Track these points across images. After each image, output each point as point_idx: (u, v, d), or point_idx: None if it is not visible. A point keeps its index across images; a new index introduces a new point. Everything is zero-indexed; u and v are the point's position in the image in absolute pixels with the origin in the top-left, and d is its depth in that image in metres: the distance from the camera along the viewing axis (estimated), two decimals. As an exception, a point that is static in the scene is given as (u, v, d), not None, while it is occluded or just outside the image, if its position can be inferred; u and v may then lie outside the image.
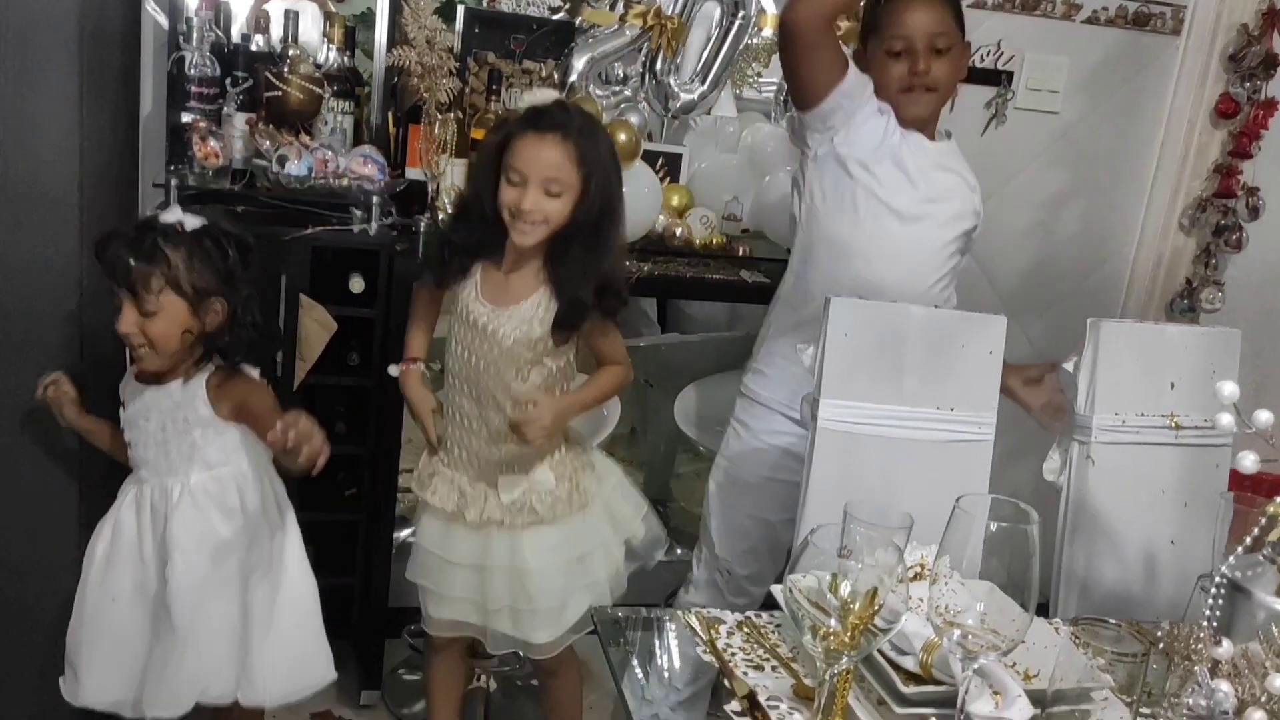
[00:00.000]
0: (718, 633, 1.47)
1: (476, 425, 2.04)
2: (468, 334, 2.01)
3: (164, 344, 1.84)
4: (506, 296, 2.00)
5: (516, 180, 1.89)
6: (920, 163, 2.09)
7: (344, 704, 2.74)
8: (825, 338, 1.82)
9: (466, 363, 2.02)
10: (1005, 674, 1.26)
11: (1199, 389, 1.93)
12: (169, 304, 1.82)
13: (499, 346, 1.98)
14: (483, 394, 2.02)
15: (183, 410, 1.90)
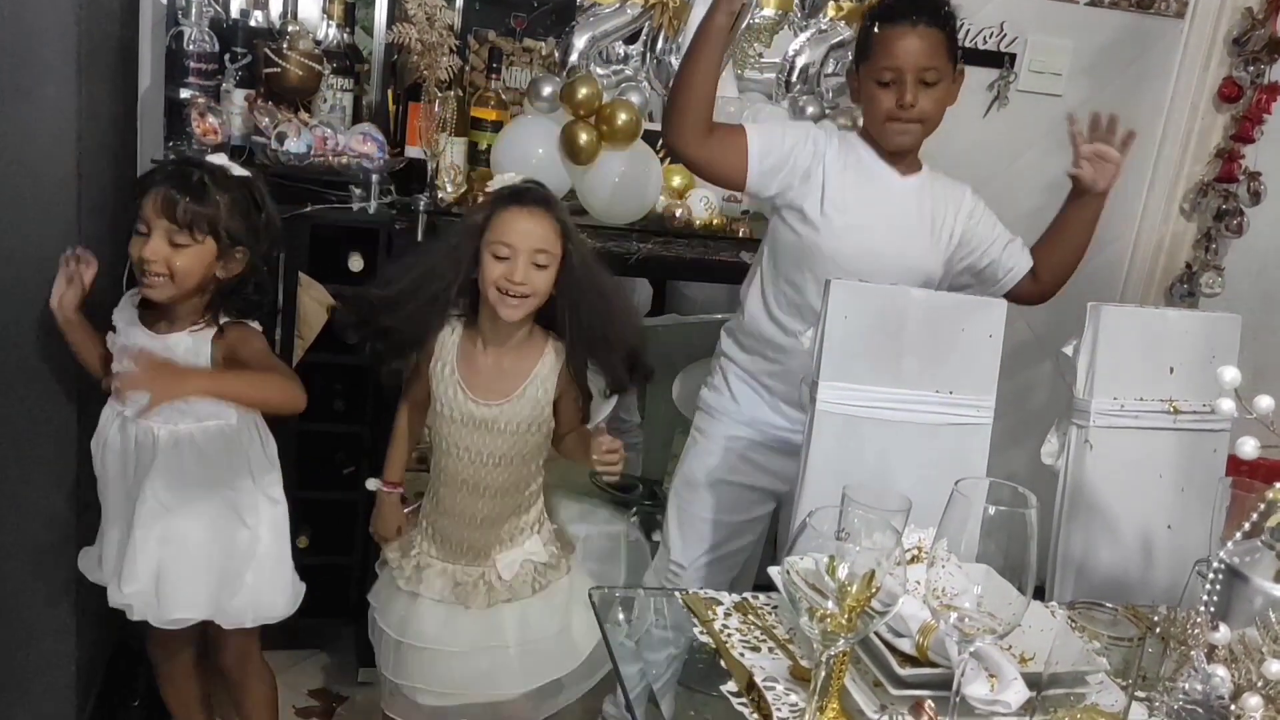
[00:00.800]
0: (714, 613, 1.47)
1: (473, 514, 2.03)
2: (467, 436, 1.98)
3: (184, 279, 1.85)
4: (503, 385, 1.98)
5: (506, 255, 1.89)
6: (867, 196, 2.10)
7: (342, 682, 2.75)
8: (825, 320, 1.81)
9: (469, 463, 1.99)
10: (1001, 657, 1.26)
11: (1198, 374, 1.93)
12: (201, 241, 1.84)
13: (505, 436, 1.98)
14: (487, 486, 2.01)
15: (181, 360, 1.89)
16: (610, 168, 2.65)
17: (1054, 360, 1.98)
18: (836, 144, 2.12)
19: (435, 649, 2.03)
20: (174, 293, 1.86)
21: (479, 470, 1.99)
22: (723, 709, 1.28)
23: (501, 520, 2.03)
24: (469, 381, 1.98)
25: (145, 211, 1.83)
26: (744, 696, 1.29)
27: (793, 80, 3.05)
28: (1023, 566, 1.15)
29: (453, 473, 2.01)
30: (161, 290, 1.85)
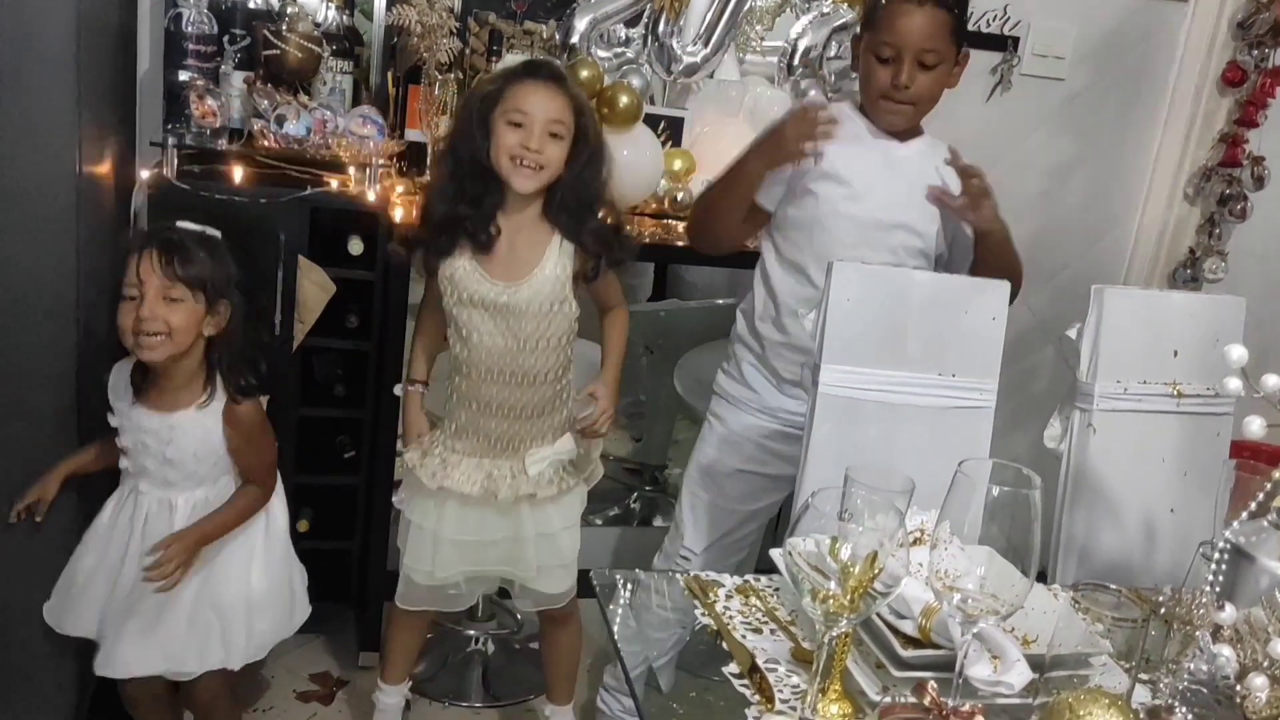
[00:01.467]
0: (716, 595, 1.46)
1: (500, 408, 2.05)
2: (487, 320, 2.00)
3: (181, 337, 1.85)
4: (518, 267, 1.99)
5: (521, 122, 1.90)
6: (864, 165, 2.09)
7: (343, 665, 2.75)
8: (827, 303, 1.81)
9: (491, 350, 2.01)
10: (1004, 638, 1.25)
11: (1202, 357, 1.92)
12: (192, 297, 1.86)
13: (528, 318, 1.99)
14: (512, 373, 2.03)
15: (198, 440, 1.93)
16: (610, 148, 2.62)
17: (1056, 345, 1.98)
18: None
19: (468, 539, 2.10)
20: (172, 351, 1.86)
21: (506, 357, 2.00)
22: (724, 691, 1.28)
23: (534, 412, 2.06)
24: (485, 266, 1.98)
25: (132, 276, 1.83)
26: (746, 678, 1.29)
27: (795, 64, 3.03)
28: (1026, 548, 1.14)
29: (478, 362, 2.02)
30: (160, 350, 1.85)
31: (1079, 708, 1.07)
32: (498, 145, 1.92)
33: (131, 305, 1.83)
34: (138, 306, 1.82)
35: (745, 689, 1.27)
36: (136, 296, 1.83)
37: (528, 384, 2.03)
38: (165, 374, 1.90)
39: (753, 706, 1.24)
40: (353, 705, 2.62)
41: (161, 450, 1.92)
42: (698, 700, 1.25)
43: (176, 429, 1.91)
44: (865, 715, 1.25)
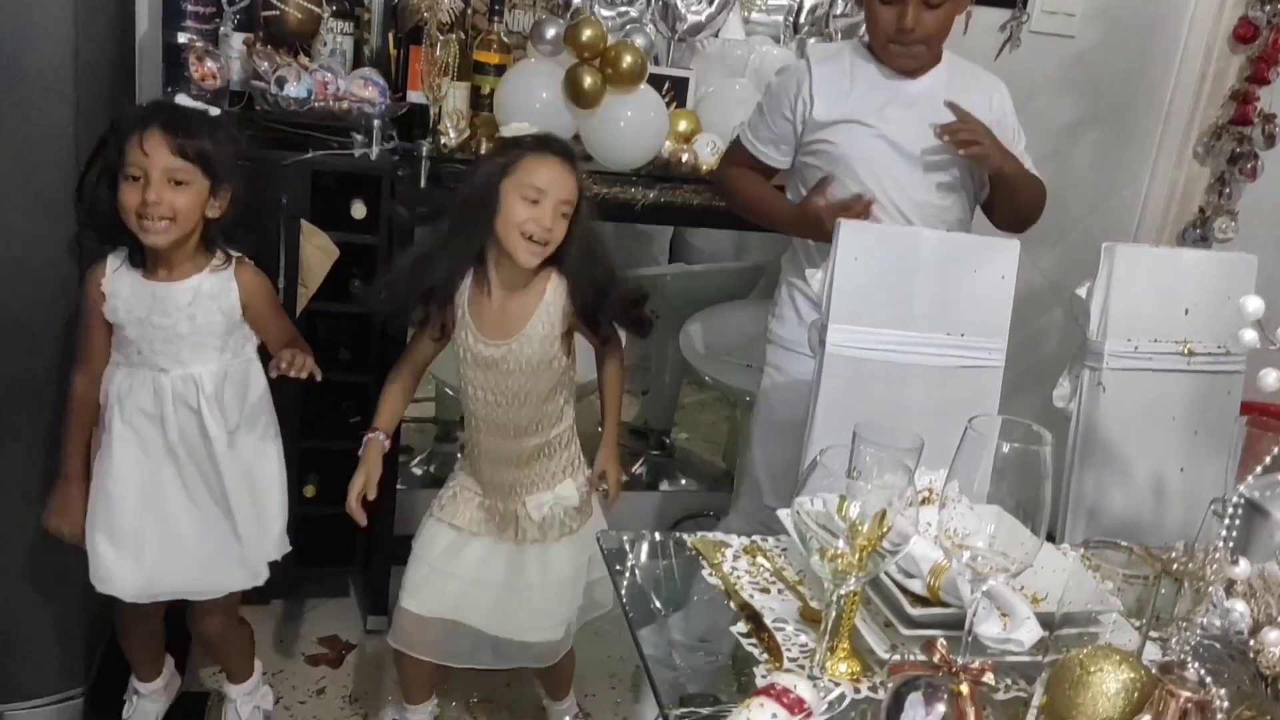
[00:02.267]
0: (723, 555, 1.46)
1: (498, 456, 2.05)
2: (482, 376, 1.99)
3: (186, 219, 1.84)
4: (509, 325, 1.97)
5: (535, 198, 1.88)
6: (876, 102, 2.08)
7: (351, 630, 2.75)
8: (834, 262, 1.79)
9: (488, 403, 2.01)
10: (1014, 596, 1.25)
11: (1213, 315, 1.90)
12: (198, 180, 1.84)
13: (515, 375, 1.98)
14: (508, 425, 2.02)
15: (216, 301, 1.92)
16: (615, 112, 2.61)
17: (1066, 304, 1.95)
18: (831, 66, 2.11)
19: (474, 579, 2.09)
20: (177, 236, 1.84)
21: (499, 410, 2.01)
22: (732, 650, 1.27)
23: (530, 460, 2.06)
24: (478, 323, 1.98)
25: (136, 155, 1.79)
26: (753, 637, 1.28)
27: (800, 21, 2.99)
28: (1036, 505, 1.13)
29: (477, 414, 2.04)
30: (165, 235, 1.82)
31: (1089, 664, 1.06)
32: (507, 218, 1.89)
33: (135, 186, 1.79)
34: (143, 189, 1.78)
35: (753, 648, 1.27)
36: (140, 177, 1.79)
37: (519, 435, 2.03)
38: (167, 252, 1.88)
39: (760, 665, 1.24)
40: (361, 668, 2.63)
41: (178, 320, 1.89)
42: (705, 659, 1.24)
43: (196, 290, 1.90)
44: (874, 673, 1.24)
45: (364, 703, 2.51)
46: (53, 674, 2.21)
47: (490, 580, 2.10)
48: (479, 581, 2.10)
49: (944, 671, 1.07)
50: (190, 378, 1.92)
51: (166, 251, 1.87)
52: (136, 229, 1.82)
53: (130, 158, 1.79)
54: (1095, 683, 1.04)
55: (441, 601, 2.12)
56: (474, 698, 2.57)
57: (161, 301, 1.88)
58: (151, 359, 1.91)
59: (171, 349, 1.90)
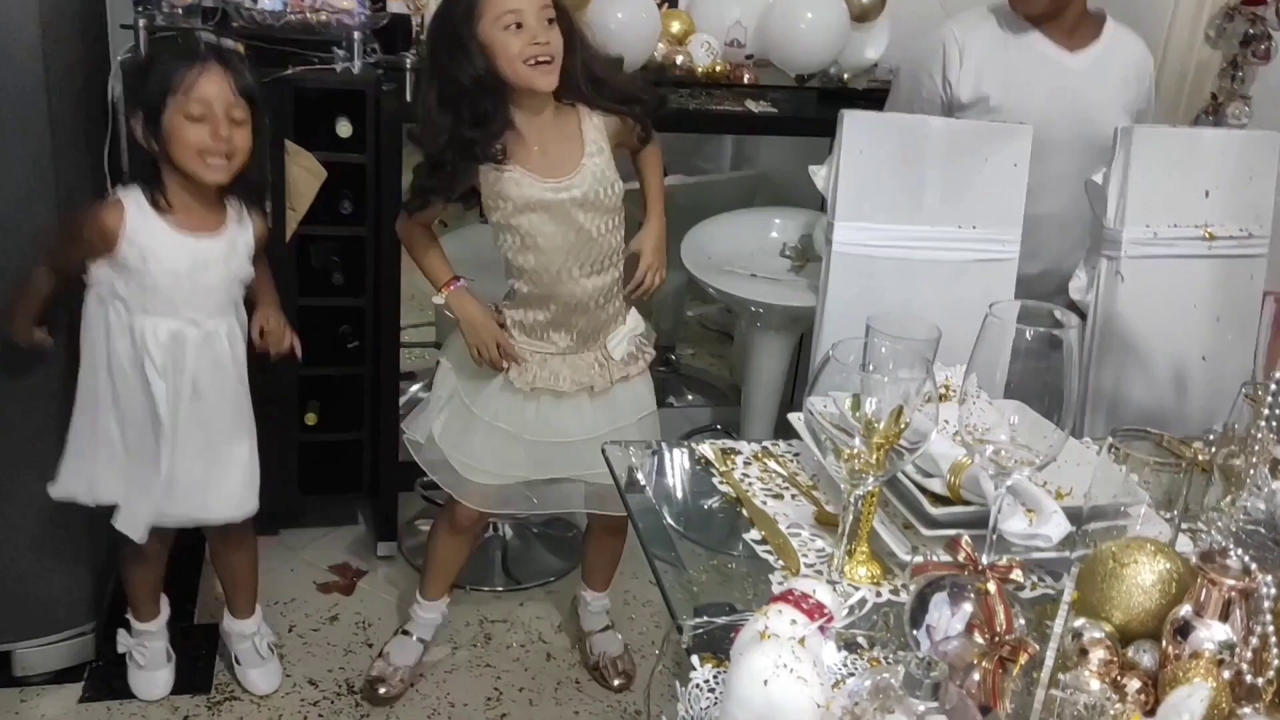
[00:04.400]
0: (734, 463, 1.40)
1: (580, 303, 1.99)
2: (549, 223, 1.92)
3: (242, 157, 1.82)
4: (563, 162, 1.91)
5: (520, 21, 1.80)
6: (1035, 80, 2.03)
7: (361, 557, 2.73)
8: (839, 155, 1.71)
9: (560, 249, 1.93)
10: (1039, 491, 1.19)
11: (1234, 196, 1.83)
12: (251, 116, 1.82)
13: (588, 208, 1.92)
14: (583, 265, 1.96)
15: (240, 257, 1.91)
16: (605, 12, 2.51)
17: (1082, 191, 1.88)
18: (984, 33, 2.03)
19: (572, 439, 2.04)
20: (234, 173, 1.82)
21: (575, 252, 1.94)
22: (747, 558, 1.22)
23: (609, 297, 2.02)
24: (532, 170, 1.91)
25: (203, 92, 1.76)
26: (768, 544, 1.24)
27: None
28: (1060, 394, 1.07)
29: (549, 266, 1.95)
30: (226, 172, 1.81)
31: (1122, 557, 1.01)
32: (504, 54, 1.81)
33: (200, 127, 1.76)
34: (210, 128, 1.76)
35: (768, 555, 1.22)
36: (203, 116, 1.76)
37: (600, 271, 1.98)
38: (194, 196, 1.84)
39: (776, 572, 1.19)
40: (374, 595, 2.61)
41: (217, 276, 1.87)
42: (719, 569, 1.20)
43: (232, 244, 1.89)
44: (894, 576, 1.20)
45: (378, 628, 2.50)
46: (64, 610, 2.19)
47: (567, 439, 2.05)
48: (556, 444, 2.06)
49: (969, 570, 1.02)
50: (215, 334, 1.91)
51: (193, 195, 1.84)
52: (198, 167, 1.78)
53: (195, 95, 1.75)
54: (1129, 575, 0.99)
55: (517, 468, 2.09)
56: (488, 617, 2.56)
57: (202, 258, 1.86)
58: (180, 310, 1.87)
59: (200, 301, 1.88)
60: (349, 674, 2.36)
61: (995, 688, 0.89)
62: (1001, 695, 0.89)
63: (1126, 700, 0.90)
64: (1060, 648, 0.93)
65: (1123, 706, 0.87)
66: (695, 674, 1.01)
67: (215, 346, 1.91)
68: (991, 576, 1.01)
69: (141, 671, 2.20)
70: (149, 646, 2.20)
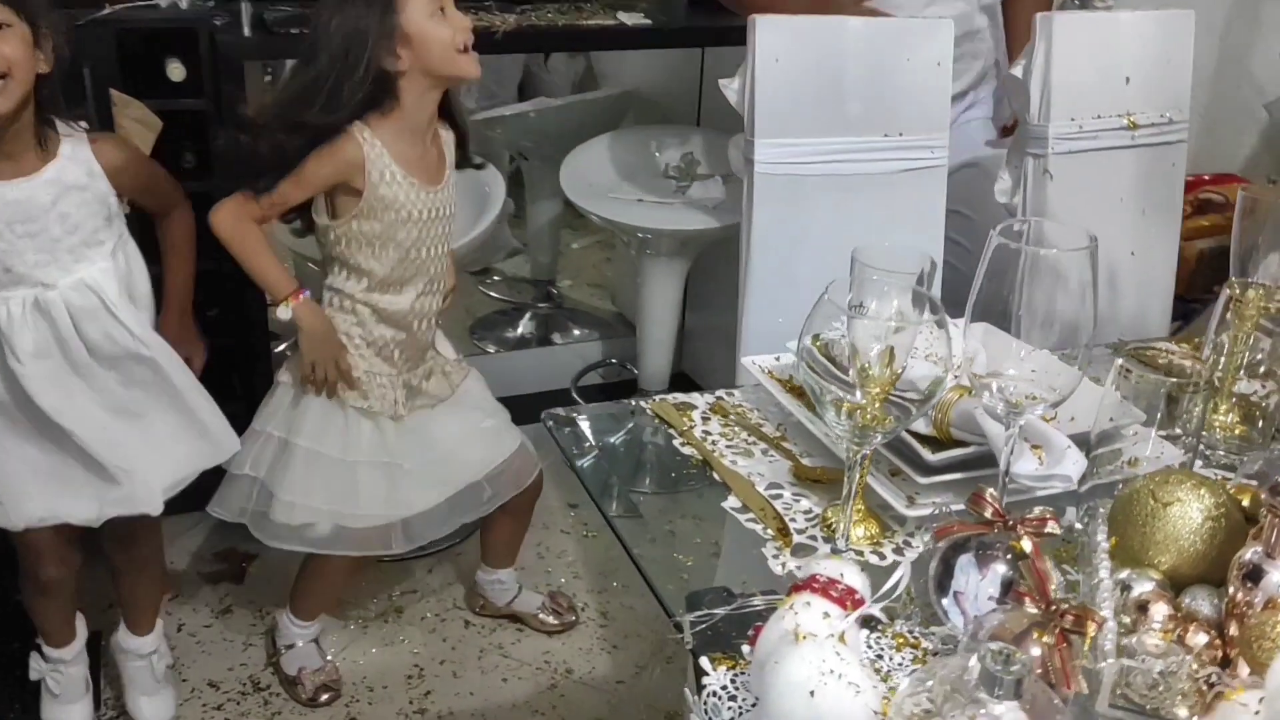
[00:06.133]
0: (691, 419, 1.26)
1: (428, 316, 1.88)
2: (430, 230, 1.79)
3: (22, 72, 1.49)
4: (434, 169, 1.78)
5: (441, 8, 1.65)
6: None
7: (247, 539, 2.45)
8: (753, 67, 1.56)
9: (433, 258, 1.82)
10: (1045, 425, 1.09)
11: (1155, 81, 1.77)
12: (18, 23, 1.49)
13: (446, 222, 1.81)
14: (436, 277, 1.85)
15: (84, 191, 1.60)
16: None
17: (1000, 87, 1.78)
18: None
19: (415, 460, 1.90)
20: (19, 95, 1.50)
21: (438, 262, 1.84)
22: (728, 529, 1.09)
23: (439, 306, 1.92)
24: (416, 175, 1.75)
25: None
26: (751, 511, 1.11)
27: None
28: (1078, 321, 0.97)
29: (416, 276, 1.82)
30: (7, 96, 1.49)
31: (1161, 494, 0.91)
32: (438, 43, 1.64)
33: None
34: None
35: (753, 524, 1.09)
36: None
37: (440, 285, 1.88)
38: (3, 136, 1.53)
39: (767, 544, 1.06)
40: (267, 579, 2.40)
41: (48, 224, 1.57)
42: (703, 546, 1.06)
43: (58, 183, 1.57)
44: (893, 533, 1.09)
45: (275, 617, 2.30)
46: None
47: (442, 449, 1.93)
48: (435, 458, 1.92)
49: (999, 526, 0.91)
50: (84, 285, 1.61)
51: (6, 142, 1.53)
52: None
53: None
54: (1174, 515, 0.90)
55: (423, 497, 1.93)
56: (395, 591, 2.39)
57: (18, 207, 1.55)
58: (27, 274, 1.58)
59: (48, 257, 1.58)
60: (251, 670, 2.17)
61: (1065, 667, 0.78)
62: (1074, 675, 0.78)
63: (1201, 660, 0.81)
64: (1117, 607, 0.84)
65: (1206, 672, 0.78)
66: (709, 679, 0.88)
67: (88, 301, 1.62)
68: (1025, 532, 0.90)
69: (56, 703, 1.94)
70: (64, 674, 1.93)
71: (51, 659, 1.92)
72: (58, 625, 1.90)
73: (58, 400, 1.63)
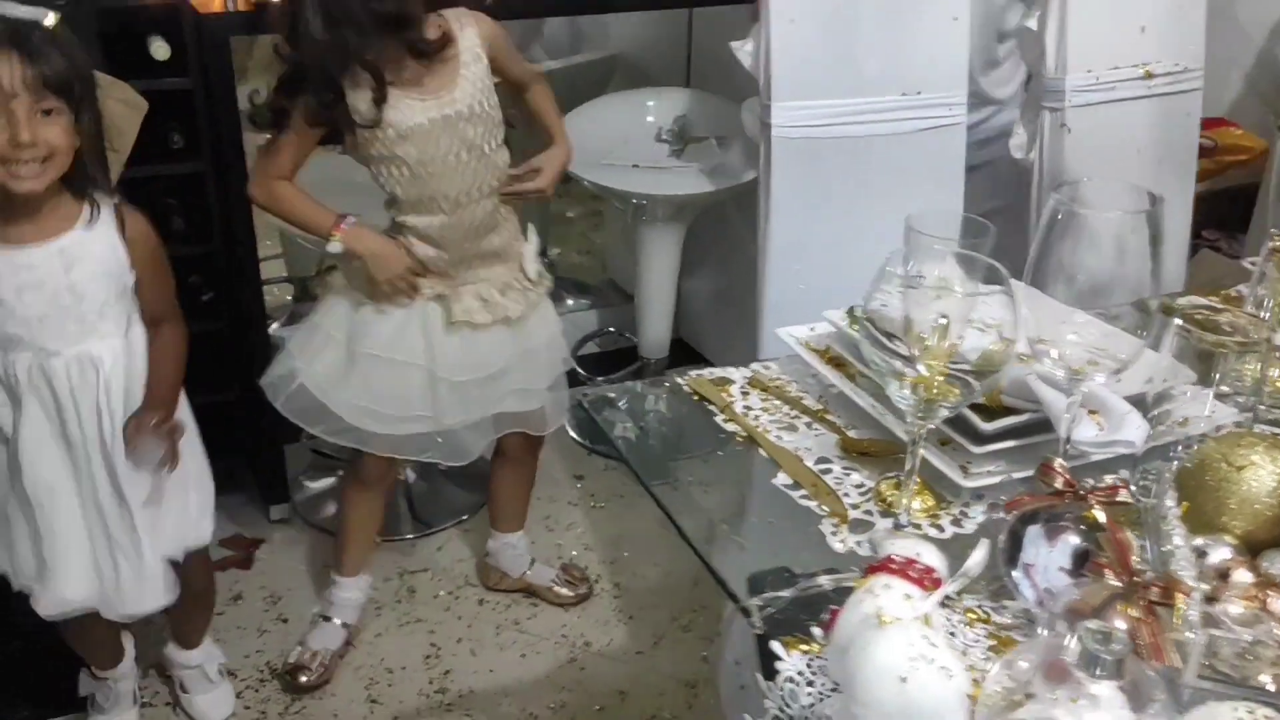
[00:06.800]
0: (729, 394, 1.24)
1: (482, 225, 1.84)
2: (437, 147, 1.74)
3: (63, 158, 1.46)
4: (443, 79, 1.75)
5: None
6: None
7: (253, 524, 2.49)
8: (768, 29, 1.53)
9: (450, 178, 1.77)
10: (1102, 389, 1.07)
11: (1170, 29, 1.75)
12: (65, 114, 1.45)
13: (474, 123, 1.76)
14: (480, 188, 1.81)
15: (101, 264, 1.54)
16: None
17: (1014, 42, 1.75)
18: None
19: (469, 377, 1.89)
20: (54, 178, 1.46)
21: (476, 172, 1.79)
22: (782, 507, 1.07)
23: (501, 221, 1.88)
24: (413, 90, 1.72)
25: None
26: (802, 488, 1.09)
27: None
28: (1142, 282, 0.94)
29: (448, 191, 1.78)
30: (42, 179, 1.45)
31: (1233, 458, 0.90)
32: None
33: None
34: (8, 129, 1.40)
35: (806, 501, 1.07)
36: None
37: (485, 196, 1.82)
38: (25, 202, 1.49)
39: (823, 521, 1.04)
40: (276, 564, 2.38)
41: (59, 286, 1.52)
42: (759, 525, 1.04)
43: (70, 252, 1.52)
44: (949, 504, 1.07)
45: (289, 600, 2.28)
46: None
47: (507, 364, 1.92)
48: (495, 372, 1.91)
49: (1069, 498, 0.90)
50: (87, 358, 1.56)
51: (23, 202, 1.48)
52: (2, 179, 1.43)
53: None
54: (1249, 479, 0.89)
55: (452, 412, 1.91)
56: (407, 569, 2.37)
57: (26, 272, 1.49)
58: (32, 339, 1.53)
59: (56, 325, 1.53)
60: (269, 656, 2.15)
61: (1155, 640, 0.77)
62: (1165, 650, 0.77)
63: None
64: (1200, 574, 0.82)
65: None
66: (784, 664, 0.86)
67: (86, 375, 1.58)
68: (1096, 502, 0.88)
69: (103, 716, 1.92)
70: (114, 689, 1.91)
71: (100, 677, 1.90)
72: (104, 657, 1.89)
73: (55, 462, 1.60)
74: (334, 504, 2.55)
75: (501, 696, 2.09)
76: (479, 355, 1.88)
